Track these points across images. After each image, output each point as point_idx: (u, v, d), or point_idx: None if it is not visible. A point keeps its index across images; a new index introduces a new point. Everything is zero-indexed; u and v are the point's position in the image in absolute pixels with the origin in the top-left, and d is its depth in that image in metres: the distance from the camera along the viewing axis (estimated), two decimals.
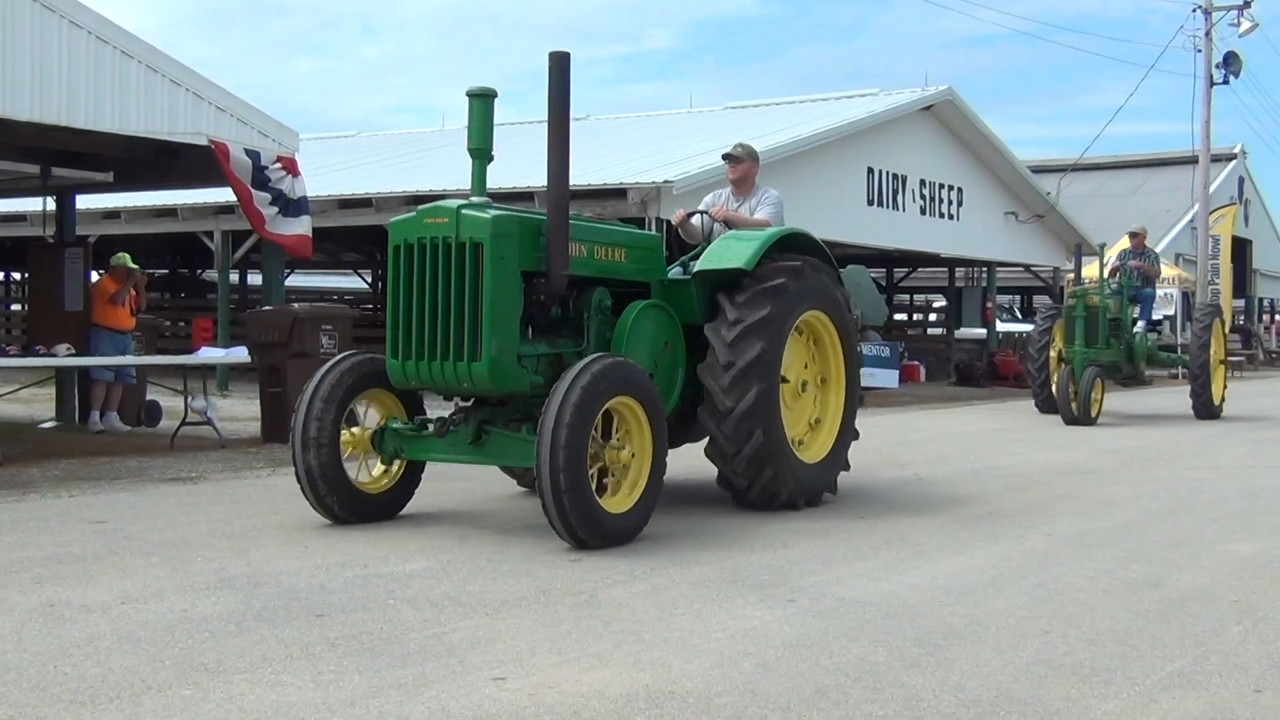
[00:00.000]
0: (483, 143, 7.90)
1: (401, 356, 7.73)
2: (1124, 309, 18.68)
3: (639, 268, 8.69)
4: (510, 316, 7.56)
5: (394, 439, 8.12)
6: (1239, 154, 44.88)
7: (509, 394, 7.79)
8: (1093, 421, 16.81)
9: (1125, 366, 18.64)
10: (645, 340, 8.36)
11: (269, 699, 4.40)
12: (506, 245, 7.55)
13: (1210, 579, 6.75)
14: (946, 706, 4.45)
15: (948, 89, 26.66)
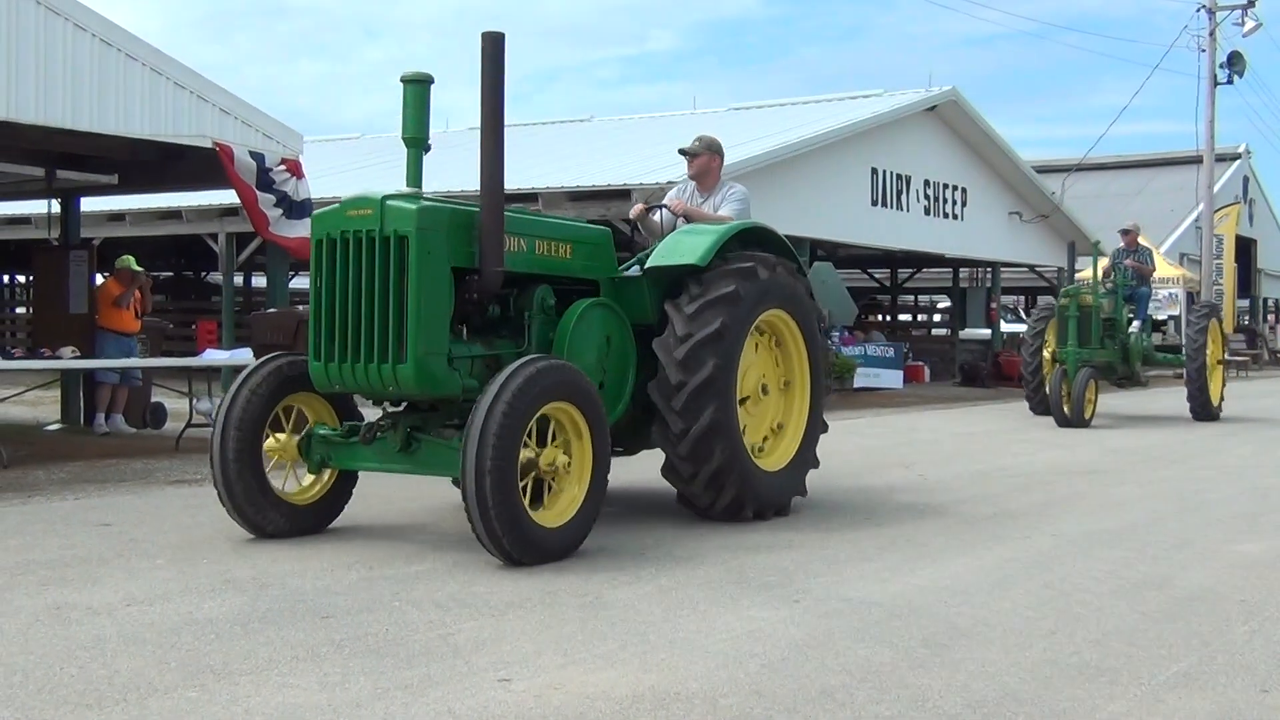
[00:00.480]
0: (418, 131, 7.44)
1: (324, 358, 7.20)
2: (1118, 308, 18.31)
3: (586, 264, 8.21)
4: (439, 315, 7.08)
5: (321, 446, 7.62)
6: (1243, 154, 44.87)
7: (439, 398, 7.31)
8: (1086, 423, 16.55)
9: (1120, 367, 18.31)
10: (590, 341, 7.88)
11: (275, 701, 4.40)
12: (434, 238, 7.05)
13: (1216, 579, 6.74)
14: (953, 707, 4.44)
15: (952, 89, 26.65)
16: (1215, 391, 18.41)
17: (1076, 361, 17.01)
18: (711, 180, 9.27)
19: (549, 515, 6.91)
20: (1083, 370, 16.81)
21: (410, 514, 8.57)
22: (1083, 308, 17.43)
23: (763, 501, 8.32)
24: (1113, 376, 18.44)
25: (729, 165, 20.05)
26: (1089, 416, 16.73)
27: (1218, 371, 18.68)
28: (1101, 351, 17.71)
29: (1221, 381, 18.79)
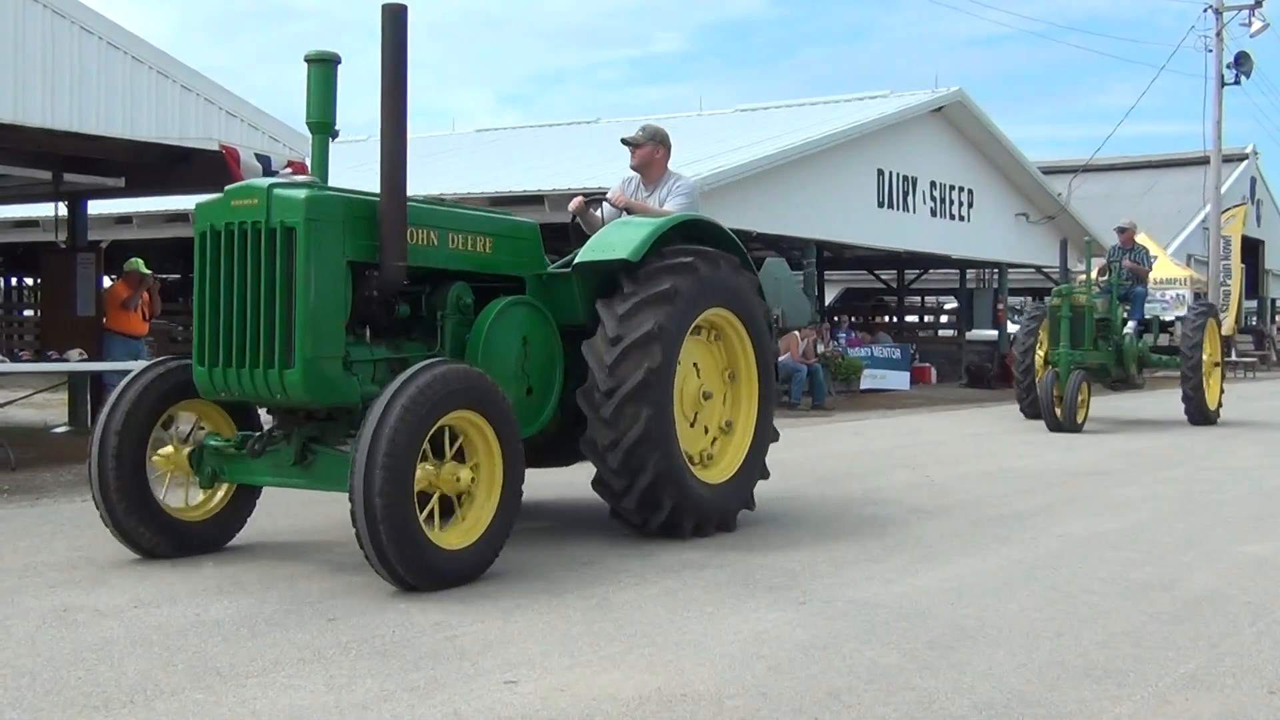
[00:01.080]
0: (323, 115, 6.92)
1: (207, 362, 6.57)
2: (1113, 309, 17.70)
3: (510, 260, 7.59)
4: (331, 315, 6.44)
5: (213, 458, 6.94)
6: (1251, 154, 44.76)
7: (334, 406, 6.65)
8: (1079, 428, 15.95)
9: (1115, 369, 17.76)
10: (509, 343, 7.27)
11: (281, 702, 4.41)
12: (326, 230, 6.41)
13: (1223, 580, 6.73)
14: (959, 709, 4.44)
15: (958, 90, 26.63)
16: (1213, 394, 17.85)
17: (1069, 363, 16.42)
18: (656, 172, 8.61)
19: (453, 535, 6.31)
20: (1075, 372, 16.22)
21: None
22: (1075, 308, 16.85)
23: (704, 516, 7.73)
24: (1107, 379, 17.98)
25: (736, 167, 20.24)
26: (1081, 421, 16.14)
27: (1215, 374, 18.07)
28: (1095, 353, 17.19)
29: (1220, 384, 18.15)
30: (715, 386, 8.18)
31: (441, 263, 7.17)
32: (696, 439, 8.04)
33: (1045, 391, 16.25)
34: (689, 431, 7.91)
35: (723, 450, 8.22)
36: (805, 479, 10.91)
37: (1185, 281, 33.28)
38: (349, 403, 6.57)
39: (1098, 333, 17.32)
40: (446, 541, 6.22)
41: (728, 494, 8.02)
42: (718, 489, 7.93)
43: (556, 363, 7.60)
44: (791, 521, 8.49)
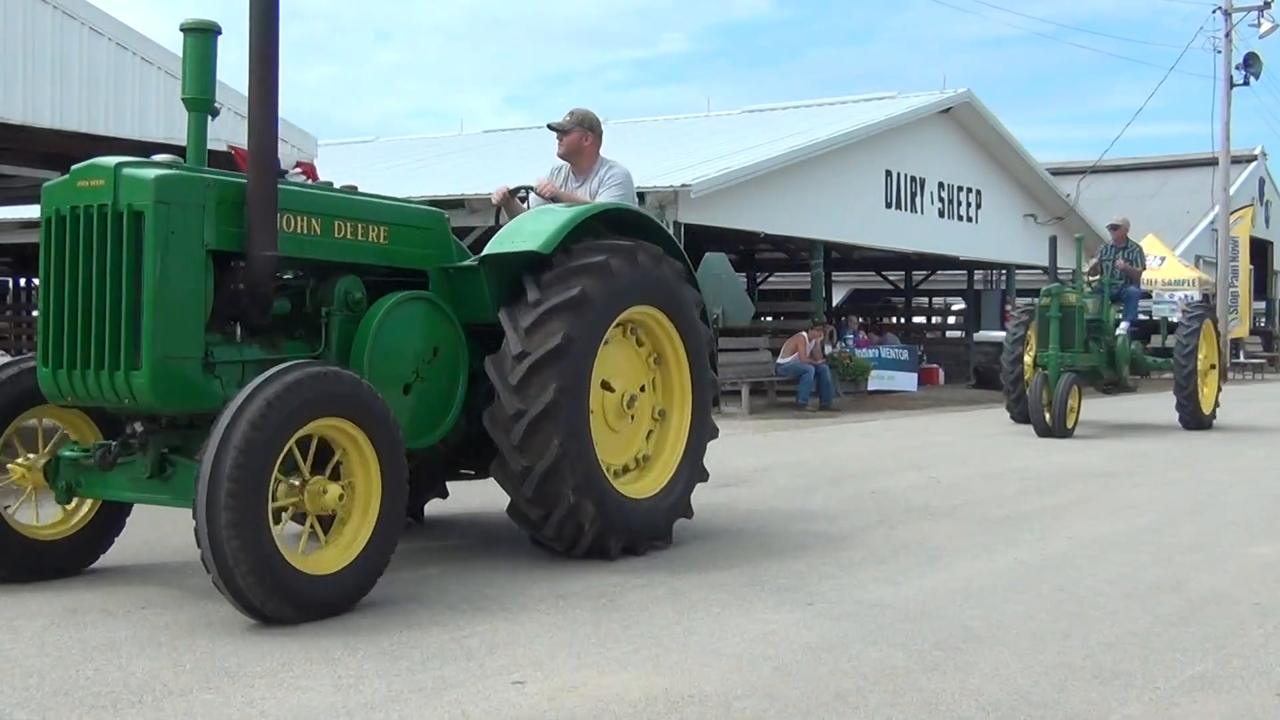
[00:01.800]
0: (201, 90, 6.28)
1: (51, 363, 5.87)
2: (1105, 309, 17.02)
3: (411, 251, 6.86)
4: (187, 310, 5.75)
5: (70, 471, 6.18)
6: (1259, 155, 44.66)
7: (191, 412, 5.92)
8: (1069, 433, 15.28)
9: (1107, 372, 17.02)
10: (402, 344, 6.56)
11: (289, 703, 4.41)
12: (182, 215, 5.71)
13: (1231, 582, 6.72)
14: (966, 711, 4.44)
15: (966, 91, 26.62)
16: (1209, 398, 17.15)
17: (1058, 366, 15.74)
18: (586, 161, 7.96)
19: (322, 559, 5.66)
20: (1065, 375, 15.53)
21: (425, 516, 8.57)
22: (1065, 308, 16.12)
23: (634, 533, 7.12)
24: (1098, 382, 17.29)
25: (743, 168, 20.26)
26: (1071, 426, 15.42)
27: (1212, 377, 17.39)
28: (1085, 355, 16.42)
29: (1216, 388, 17.47)
30: (643, 391, 7.51)
31: (326, 253, 6.45)
32: (622, 449, 7.38)
33: (1034, 395, 15.59)
34: (613, 442, 7.26)
35: (653, 459, 7.56)
36: (813, 480, 10.91)
37: (1194, 283, 33.22)
38: (210, 408, 5.75)
39: (1089, 334, 16.63)
40: (314, 565, 5.57)
41: (660, 507, 7.38)
42: (648, 503, 7.29)
43: (460, 365, 6.87)
44: (799, 523, 8.49)
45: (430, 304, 6.79)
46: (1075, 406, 15.59)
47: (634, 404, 7.36)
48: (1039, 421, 15.39)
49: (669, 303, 7.43)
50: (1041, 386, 15.53)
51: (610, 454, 7.20)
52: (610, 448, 7.21)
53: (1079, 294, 16.47)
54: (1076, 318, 16.19)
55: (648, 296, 7.28)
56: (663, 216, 18.94)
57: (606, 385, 7.18)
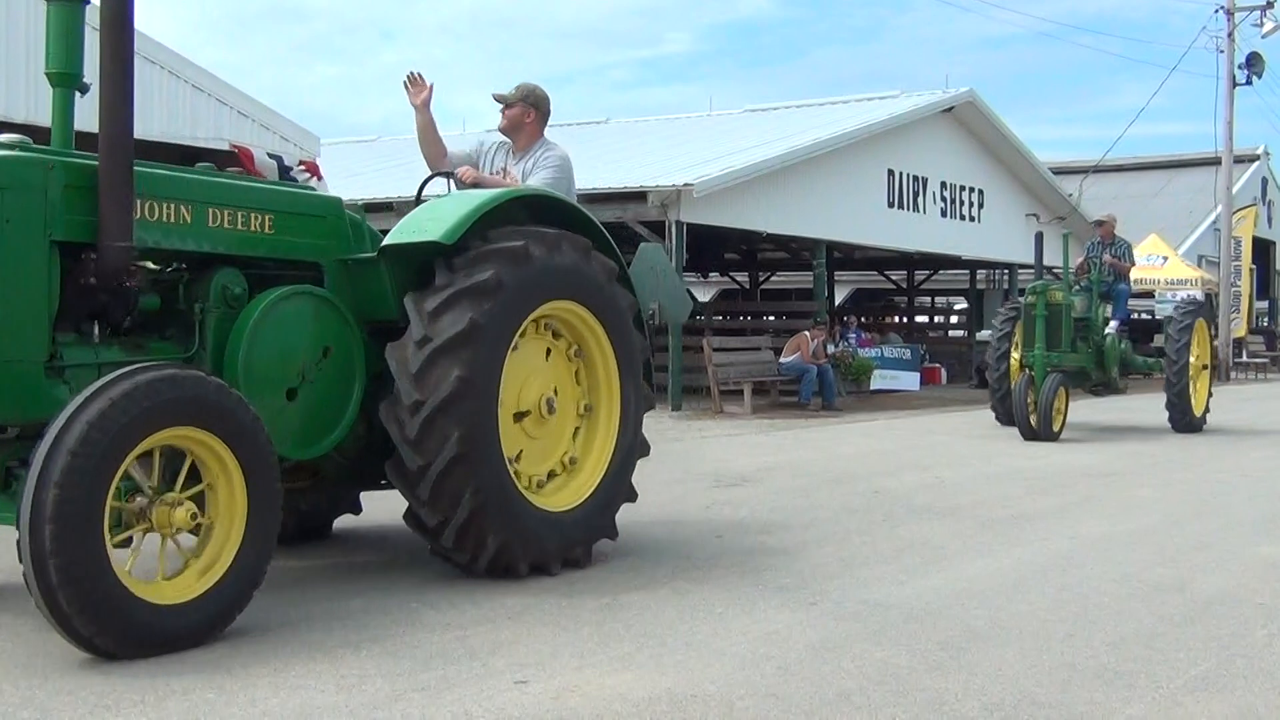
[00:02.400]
0: (65, 64, 5.78)
1: None
2: (1093, 307, 16.28)
3: (301, 242, 6.18)
4: (24, 308, 5.14)
5: None
6: (1262, 155, 44.67)
7: (35, 421, 5.08)
8: (1055, 436, 14.68)
9: (1095, 373, 16.34)
10: (284, 344, 5.91)
11: (292, 702, 4.41)
12: (18, 201, 5.11)
13: (1235, 582, 6.71)
14: (970, 710, 4.43)
15: (969, 91, 26.62)
16: (1200, 400, 16.51)
17: (1044, 366, 15.05)
18: (525, 139, 7.38)
19: (173, 586, 5.09)
20: (1051, 376, 14.88)
21: None
22: (1051, 306, 15.39)
23: (546, 552, 6.47)
24: (1086, 383, 16.63)
25: (746, 167, 20.26)
26: (1058, 429, 14.85)
27: (1204, 378, 16.74)
28: (1073, 355, 15.74)
29: (1208, 389, 16.80)
30: (564, 394, 6.87)
31: (199, 244, 5.78)
32: (540, 458, 6.76)
33: (1019, 397, 14.91)
34: (529, 449, 6.66)
35: (574, 470, 6.93)
36: (815, 479, 10.90)
37: (1196, 282, 33.22)
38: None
39: (1076, 333, 15.92)
40: (161, 593, 5.00)
41: (580, 522, 6.71)
42: (567, 516, 6.65)
43: (356, 367, 6.22)
44: (802, 522, 8.48)
45: (319, 299, 6.11)
46: (1062, 409, 15.07)
47: (553, 407, 6.72)
48: (1024, 424, 14.80)
49: (597, 302, 6.79)
50: (1027, 388, 14.92)
51: (529, 462, 6.64)
52: (529, 455, 6.65)
53: (1066, 291, 15.82)
54: (1063, 316, 15.52)
55: (573, 292, 6.64)
56: (665, 215, 18.95)
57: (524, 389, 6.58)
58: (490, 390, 6.16)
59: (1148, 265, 33.18)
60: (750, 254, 33.65)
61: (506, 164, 7.38)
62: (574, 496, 6.79)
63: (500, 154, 7.49)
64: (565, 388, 6.89)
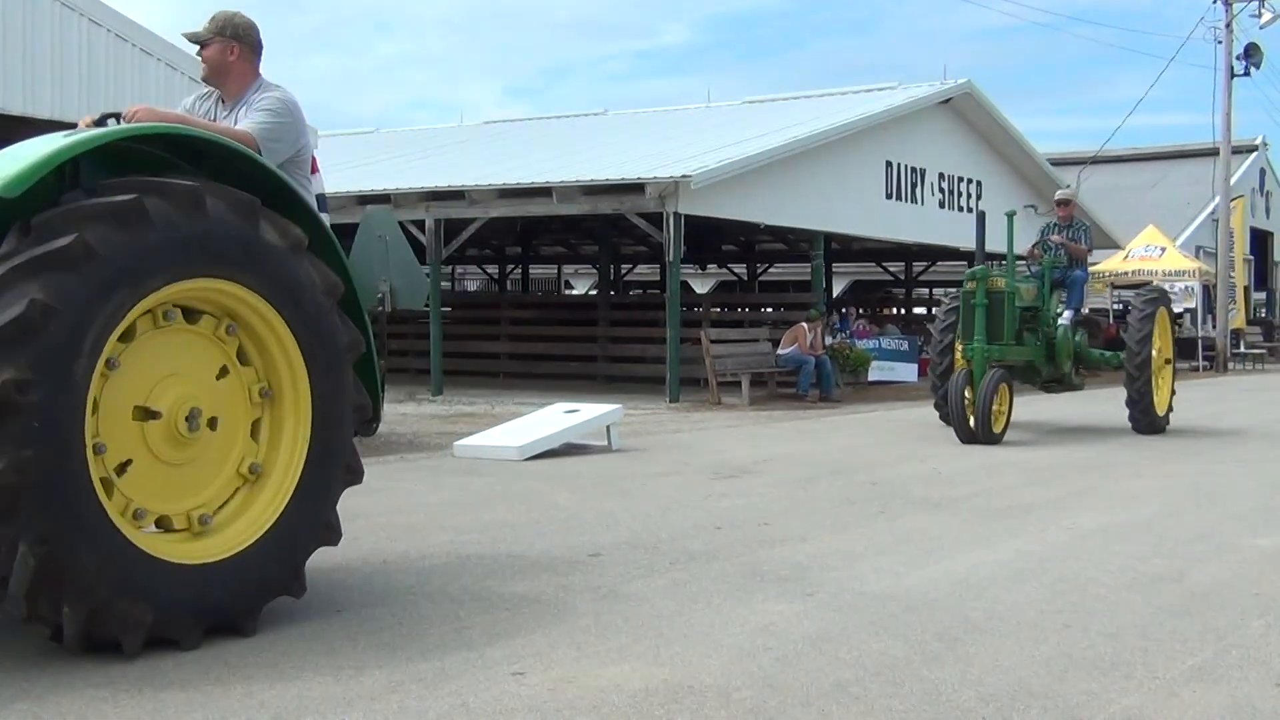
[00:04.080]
0: None
1: None
2: (1044, 296, 14.83)
3: None
4: None
5: None
6: (1260, 145, 44.69)
7: None
8: (997, 439, 13.18)
9: (1046, 368, 14.86)
10: None
11: (289, 693, 4.41)
12: None
13: (1232, 573, 6.72)
14: (966, 701, 4.44)
15: (967, 82, 26.59)
16: (1163, 397, 15.02)
17: (984, 361, 13.50)
18: (236, 83, 5.83)
19: None
20: (992, 372, 13.31)
21: (424, 508, 8.59)
22: (992, 294, 13.88)
23: (172, 618, 4.82)
24: (1036, 379, 15.23)
25: (744, 159, 20.23)
26: (1000, 430, 13.31)
27: (1166, 373, 15.27)
28: (1019, 348, 14.31)
29: (1170, 385, 15.31)
30: (229, 407, 5.23)
31: None
32: (187, 486, 5.12)
33: (955, 394, 13.36)
34: (169, 480, 5.04)
35: (242, 506, 5.28)
36: (813, 471, 10.91)
37: (1194, 273, 33.22)
38: None
39: (1023, 324, 14.53)
40: None
41: (238, 574, 5.07)
42: (214, 570, 5.00)
43: None
44: (799, 513, 8.49)
45: None
46: (1004, 408, 13.48)
47: (215, 427, 5.14)
48: (960, 425, 13.30)
49: (266, 281, 5.11)
50: (965, 384, 13.34)
51: (160, 498, 5.03)
52: (162, 490, 5.03)
53: (1010, 278, 14.28)
54: (1006, 305, 13.99)
55: (226, 267, 4.98)
56: (663, 207, 18.94)
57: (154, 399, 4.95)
58: (68, 400, 4.54)
59: (1146, 256, 33.20)
60: (748, 245, 33.64)
61: (214, 118, 5.83)
62: (235, 541, 5.13)
63: (208, 107, 5.93)
64: (225, 399, 5.22)
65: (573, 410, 12.62)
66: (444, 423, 15.39)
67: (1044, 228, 16.05)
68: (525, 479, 9.98)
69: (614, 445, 12.32)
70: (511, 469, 10.71)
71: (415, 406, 18.12)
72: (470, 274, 46.52)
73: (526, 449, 11.40)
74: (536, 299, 35.28)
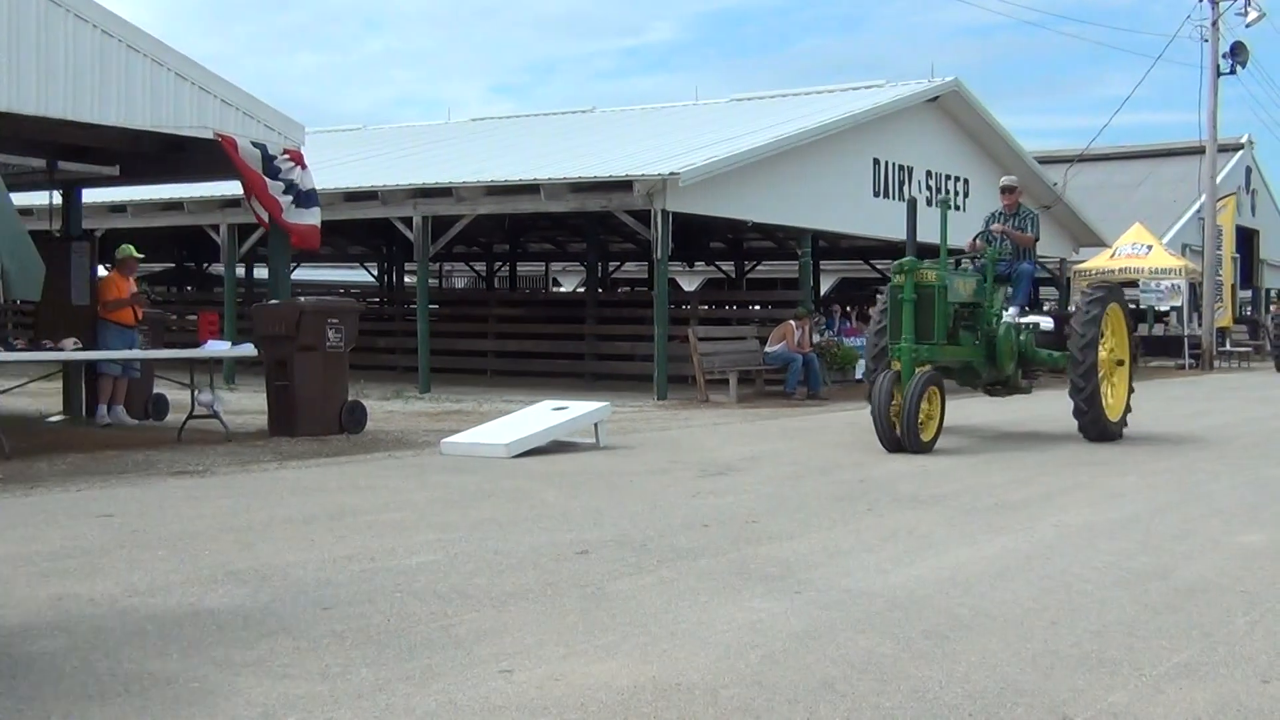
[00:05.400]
0: None
1: None
2: (984, 290, 13.67)
3: None
4: None
5: None
6: (1246, 144, 44.87)
7: None
8: (926, 447, 12.03)
9: (987, 370, 13.71)
10: None
11: (276, 691, 4.41)
12: None
13: (1218, 570, 6.74)
14: (953, 698, 4.45)
15: (954, 80, 26.64)
16: (1118, 402, 13.74)
17: (912, 362, 12.33)
18: None
19: None
20: (921, 374, 12.16)
21: (412, 506, 8.58)
22: (922, 288, 12.67)
23: None
24: (976, 381, 14.08)
25: (731, 156, 20.24)
26: (929, 439, 12.15)
27: (1122, 375, 13.97)
28: (952, 349, 13.14)
29: (1127, 388, 13.99)
30: None
31: None
32: None
33: (878, 397, 12.14)
34: None
35: None
36: (800, 468, 10.92)
37: (1181, 271, 33.32)
38: None
39: (960, 322, 13.39)
40: None
41: None
42: None
43: None
44: (787, 511, 8.49)
45: None
46: (934, 413, 12.31)
47: None
48: (884, 431, 12.11)
49: None
50: (892, 386, 12.18)
51: None
52: None
53: (943, 270, 13.08)
54: (936, 300, 12.73)
55: None
56: (650, 204, 18.93)
57: None
58: None
59: (1132, 254, 33.29)
60: (736, 243, 33.65)
61: None
62: None
63: None
64: None
65: (561, 408, 12.62)
66: (431, 420, 15.37)
67: (987, 217, 14.81)
68: (513, 477, 9.97)
69: (602, 443, 12.31)
70: (499, 467, 10.70)
71: (402, 404, 18.09)
72: (458, 271, 46.49)
73: (514, 446, 11.39)
74: (524, 296, 35.30)
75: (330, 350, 13.12)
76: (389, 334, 26.57)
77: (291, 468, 10.65)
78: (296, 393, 12.91)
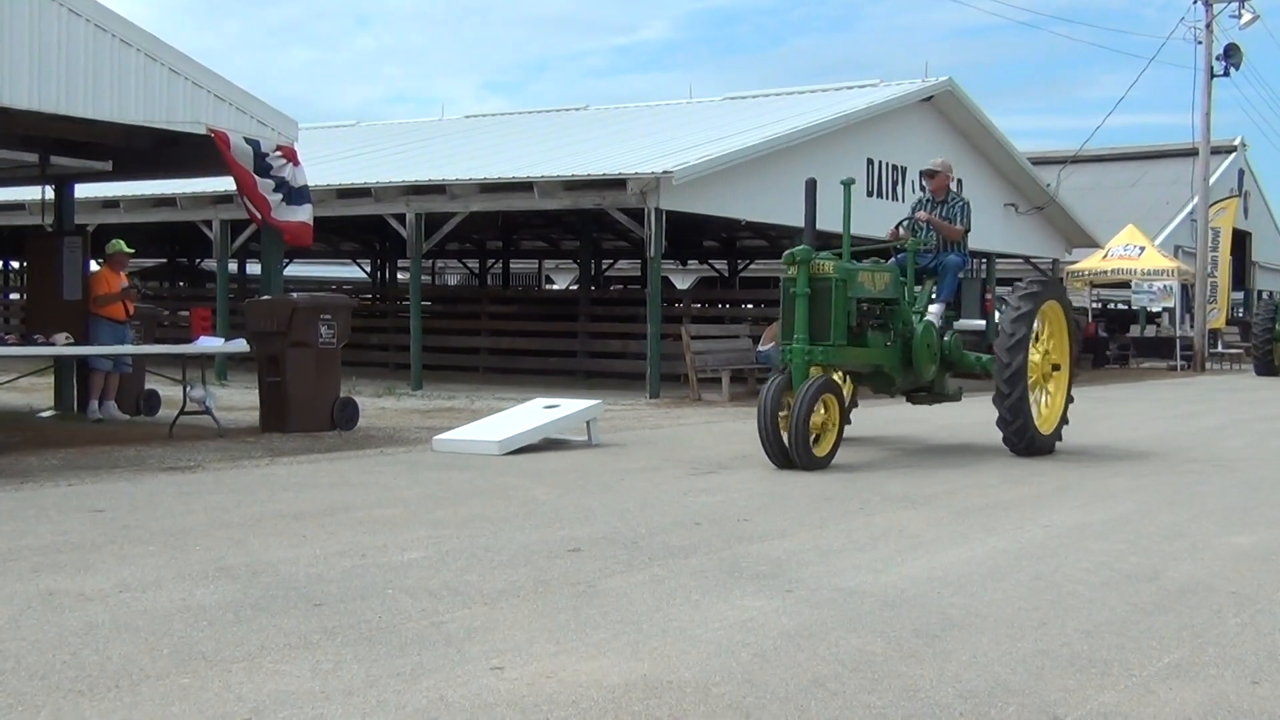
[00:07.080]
0: None
1: None
2: (899, 285, 12.11)
3: None
4: None
5: None
6: (1239, 146, 44.93)
7: None
8: (820, 463, 10.56)
9: (902, 375, 12.16)
10: None
11: (267, 688, 4.40)
12: None
13: (1208, 571, 6.75)
14: (944, 697, 4.45)
15: (948, 80, 26.65)
16: (1051, 412, 12.41)
17: (804, 365, 10.90)
18: None
19: None
20: (815, 379, 10.76)
21: (403, 502, 8.57)
22: (817, 281, 11.11)
23: None
24: (891, 388, 12.58)
25: (724, 155, 20.26)
26: (824, 453, 10.67)
27: (1060, 381, 12.59)
28: (855, 350, 11.53)
29: (1065, 396, 12.59)
30: None
31: None
32: None
33: (764, 405, 10.70)
34: None
35: None
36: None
37: (1173, 273, 33.38)
38: None
39: (871, 320, 11.79)
40: None
41: None
42: None
43: None
44: (778, 509, 8.50)
45: None
46: (830, 423, 10.82)
47: None
48: (771, 443, 10.63)
49: None
50: (780, 393, 10.73)
51: None
52: None
53: (841, 262, 11.44)
54: (834, 295, 11.11)
55: None
56: (644, 203, 18.93)
57: None
58: None
59: (1124, 255, 33.35)
60: (729, 242, 33.64)
61: None
62: None
63: None
64: None
65: (553, 405, 12.62)
66: (423, 417, 15.36)
67: (914, 204, 13.46)
68: (505, 474, 9.97)
69: (594, 441, 12.31)
70: (491, 464, 10.70)
71: (395, 401, 18.07)
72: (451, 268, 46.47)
73: (506, 444, 11.39)
74: (517, 294, 35.27)
75: (322, 346, 13.12)
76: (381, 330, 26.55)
77: (283, 464, 10.64)
78: (288, 389, 12.90)
